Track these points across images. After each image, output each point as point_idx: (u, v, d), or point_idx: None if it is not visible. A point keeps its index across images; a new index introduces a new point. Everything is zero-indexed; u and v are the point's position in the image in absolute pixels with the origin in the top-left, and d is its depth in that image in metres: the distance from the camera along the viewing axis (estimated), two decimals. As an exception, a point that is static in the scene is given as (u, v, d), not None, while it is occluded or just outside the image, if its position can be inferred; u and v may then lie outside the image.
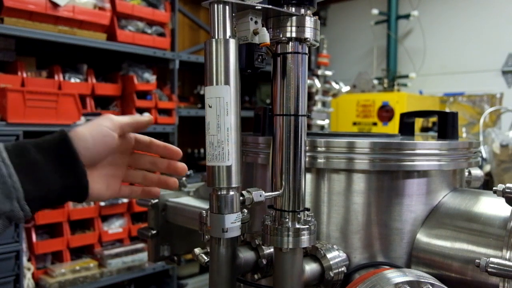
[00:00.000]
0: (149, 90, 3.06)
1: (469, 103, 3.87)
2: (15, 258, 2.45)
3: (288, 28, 0.69)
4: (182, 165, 0.77)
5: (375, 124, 3.66)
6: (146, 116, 0.75)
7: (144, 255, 3.03)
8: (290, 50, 0.70)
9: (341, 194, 0.80)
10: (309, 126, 3.41)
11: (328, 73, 3.51)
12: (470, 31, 3.87)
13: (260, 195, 0.71)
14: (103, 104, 3.05)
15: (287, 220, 0.71)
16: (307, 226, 0.71)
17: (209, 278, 0.74)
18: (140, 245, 3.07)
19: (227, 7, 0.65)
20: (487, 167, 2.82)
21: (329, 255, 0.76)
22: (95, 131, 0.66)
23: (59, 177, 0.61)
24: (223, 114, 0.66)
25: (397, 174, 0.79)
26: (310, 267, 0.75)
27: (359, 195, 0.79)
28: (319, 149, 0.79)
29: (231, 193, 0.68)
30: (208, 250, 0.75)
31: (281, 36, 0.70)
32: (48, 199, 0.61)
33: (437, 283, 0.68)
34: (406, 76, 3.96)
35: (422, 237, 0.79)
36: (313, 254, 0.77)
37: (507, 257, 0.67)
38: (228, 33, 0.66)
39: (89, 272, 2.82)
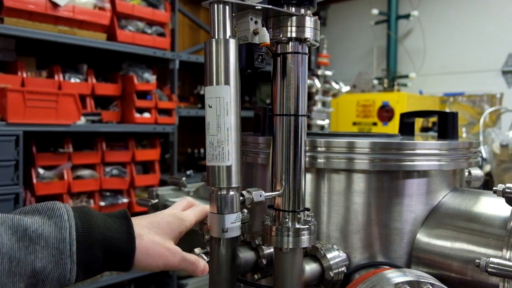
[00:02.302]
0: (149, 90, 3.06)
1: (469, 103, 3.87)
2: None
3: (288, 28, 0.69)
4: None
5: (375, 124, 3.66)
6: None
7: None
8: (290, 50, 0.70)
9: (341, 194, 0.80)
10: (309, 126, 3.41)
11: (328, 73, 3.51)
12: (470, 31, 3.87)
13: (260, 195, 0.71)
14: (103, 104, 3.05)
15: (287, 220, 0.71)
16: (307, 226, 0.71)
17: (209, 278, 0.73)
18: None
19: (227, 7, 0.65)
20: (487, 167, 2.82)
21: (329, 255, 0.76)
22: (161, 256, 0.67)
23: (106, 268, 0.65)
24: (223, 114, 0.66)
25: (397, 174, 0.79)
26: (310, 267, 0.75)
27: (359, 195, 0.79)
28: (319, 149, 0.78)
29: (231, 193, 0.68)
30: (208, 250, 0.75)
31: (281, 36, 0.70)
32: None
33: (437, 283, 0.68)
34: (406, 76, 3.96)
35: (422, 237, 0.79)
36: (313, 254, 0.77)
37: (507, 257, 0.67)
38: (228, 33, 0.66)
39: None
